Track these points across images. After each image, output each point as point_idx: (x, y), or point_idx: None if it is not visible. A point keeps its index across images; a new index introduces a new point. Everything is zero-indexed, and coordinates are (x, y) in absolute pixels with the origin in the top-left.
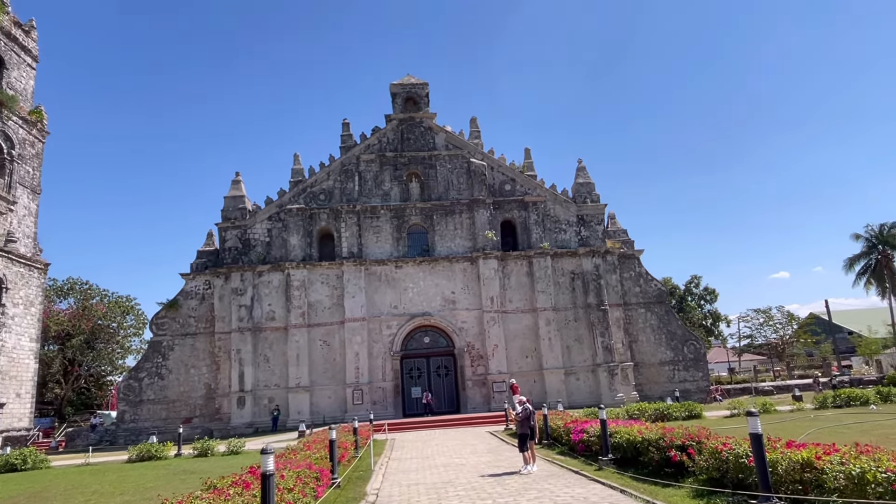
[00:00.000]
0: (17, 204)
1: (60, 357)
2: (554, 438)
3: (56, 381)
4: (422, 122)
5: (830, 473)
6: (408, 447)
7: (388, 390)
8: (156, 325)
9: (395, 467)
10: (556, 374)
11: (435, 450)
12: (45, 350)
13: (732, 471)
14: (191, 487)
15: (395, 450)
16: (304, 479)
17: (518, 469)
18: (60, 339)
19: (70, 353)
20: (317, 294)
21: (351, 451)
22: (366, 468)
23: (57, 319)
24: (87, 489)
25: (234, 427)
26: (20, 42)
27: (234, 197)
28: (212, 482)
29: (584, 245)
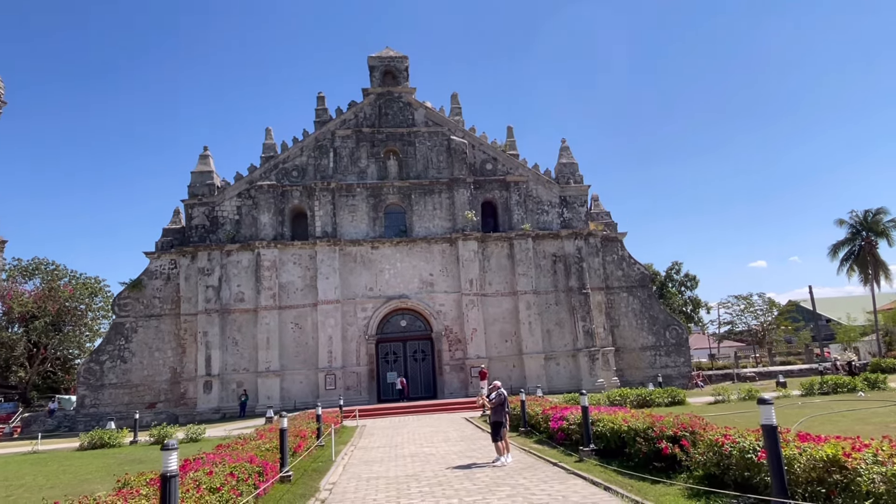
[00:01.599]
0: None
1: (25, 340)
2: (532, 426)
3: (20, 364)
4: (401, 97)
5: (866, 475)
6: (377, 435)
7: (363, 375)
8: (118, 307)
9: (359, 457)
10: (536, 358)
11: (405, 437)
12: (8, 332)
13: (736, 468)
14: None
15: (364, 437)
16: (239, 474)
17: (491, 460)
18: (25, 320)
19: (35, 335)
20: (289, 275)
21: (312, 440)
22: (327, 458)
23: (21, 301)
24: (16, 482)
25: (201, 413)
26: None
27: (202, 172)
28: (126, 479)
29: (566, 227)
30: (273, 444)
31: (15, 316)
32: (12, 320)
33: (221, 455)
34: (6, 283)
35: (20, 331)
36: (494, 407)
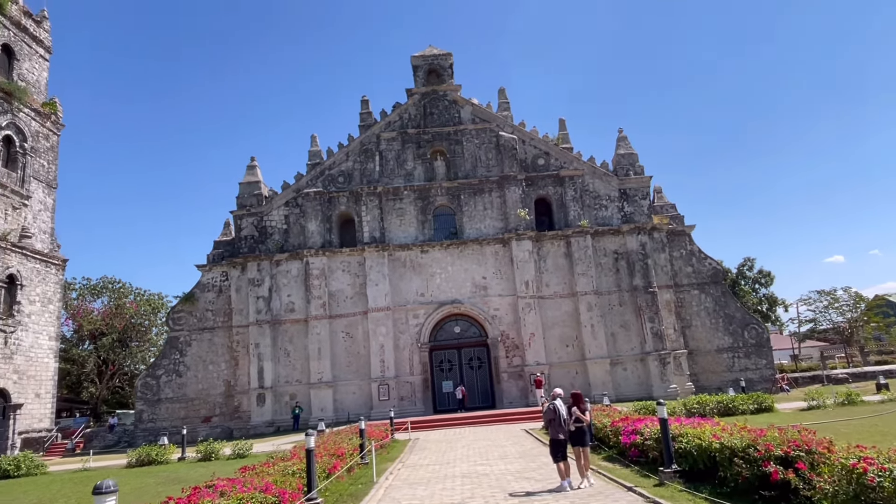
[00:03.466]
0: (32, 198)
1: (94, 356)
2: (599, 440)
3: (91, 380)
4: (445, 96)
5: None
6: (429, 450)
7: (417, 385)
8: (172, 320)
9: (405, 478)
10: (601, 364)
11: (459, 453)
12: (79, 349)
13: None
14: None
15: (414, 453)
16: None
17: (555, 486)
18: (94, 337)
19: (103, 352)
20: (338, 283)
21: (354, 458)
22: (368, 479)
23: (90, 319)
24: None
25: (255, 426)
26: (31, 33)
27: (250, 183)
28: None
29: (627, 222)
30: (301, 466)
31: (85, 333)
32: (83, 338)
33: (235, 482)
34: (76, 303)
35: (90, 348)
36: (549, 420)
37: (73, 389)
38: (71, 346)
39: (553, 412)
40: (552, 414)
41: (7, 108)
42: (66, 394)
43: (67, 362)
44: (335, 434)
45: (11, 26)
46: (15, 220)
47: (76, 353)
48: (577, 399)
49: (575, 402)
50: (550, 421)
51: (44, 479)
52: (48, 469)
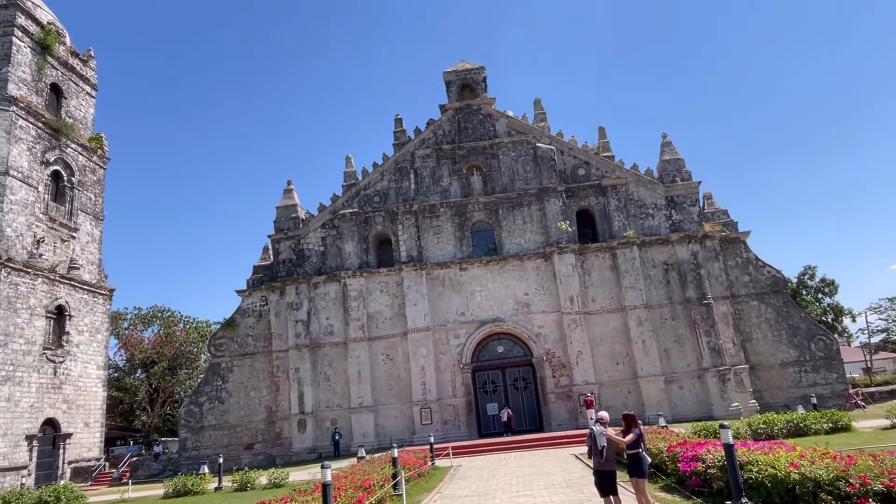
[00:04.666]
0: (80, 230)
1: (146, 384)
2: (655, 467)
3: (143, 408)
4: (480, 110)
5: None
6: (470, 478)
7: (460, 407)
8: (214, 347)
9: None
10: (655, 382)
11: (501, 482)
12: (132, 378)
13: None
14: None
15: (454, 482)
16: None
17: None
18: (145, 366)
19: (154, 380)
20: (376, 304)
21: (385, 490)
22: None
23: (141, 347)
24: None
25: (296, 453)
26: (78, 71)
27: (287, 206)
28: None
29: (676, 230)
30: None
31: (137, 362)
32: (135, 366)
33: None
34: (128, 332)
35: (142, 376)
36: (593, 448)
37: (126, 418)
38: (123, 375)
39: (591, 439)
40: (590, 441)
41: (55, 145)
42: (120, 422)
43: (120, 391)
44: (368, 463)
45: (59, 66)
46: (63, 252)
47: (128, 382)
48: (629, 421)
49: (627, 426)
50: (590, 448)
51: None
52: (88, 500)
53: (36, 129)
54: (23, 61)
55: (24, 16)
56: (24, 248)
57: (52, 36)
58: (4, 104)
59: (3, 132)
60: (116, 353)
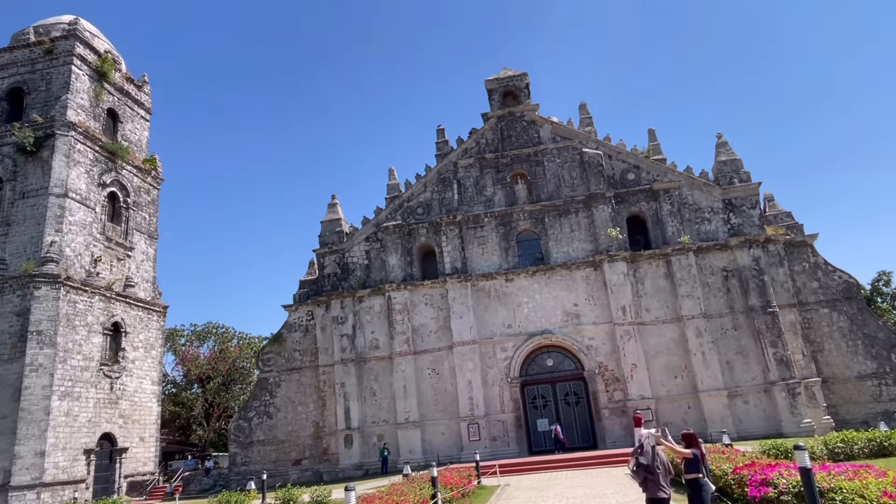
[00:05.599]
0: (135, 249)
1: (202, 399)
2: (720, 490)
3: (199, 422)
4: (523, 117)
5: None
6: (517, 499)
7: (509, 423)
8: (262, 362)
9: None
10: (717, 396)
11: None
12: (188, 393)
13: None
14: None
15: (499, 503)
16: None
17: None
18: (201, 381)
19: (210, 395)
20: (421, 317)
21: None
22: None
23: (196, 363)
24: None
25: (343, 469)
26: (133, 96)
27: (331, 220)
28: None
29: (735, 235)
30: None
31: (193, 378)
32: (191, 382)
33: None
34: (185, 348)
35: (198, 391)
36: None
37: (183, 432)
38: (181, 390)
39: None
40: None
41: (112, 167)
42: (178, 436)
43: (178, 405)
44: (407, 482)
45: (116, 92)
46: (119, 270)
47: (185, 397)
48: (690, 441)
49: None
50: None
51: None
52: None
53: (93, 152)
54: (81, 88)
55: (83, 45)
56: (82, 268)
57: (109, 63)
58: (64, 130)
59: (62, 156)
60: (174, 369)
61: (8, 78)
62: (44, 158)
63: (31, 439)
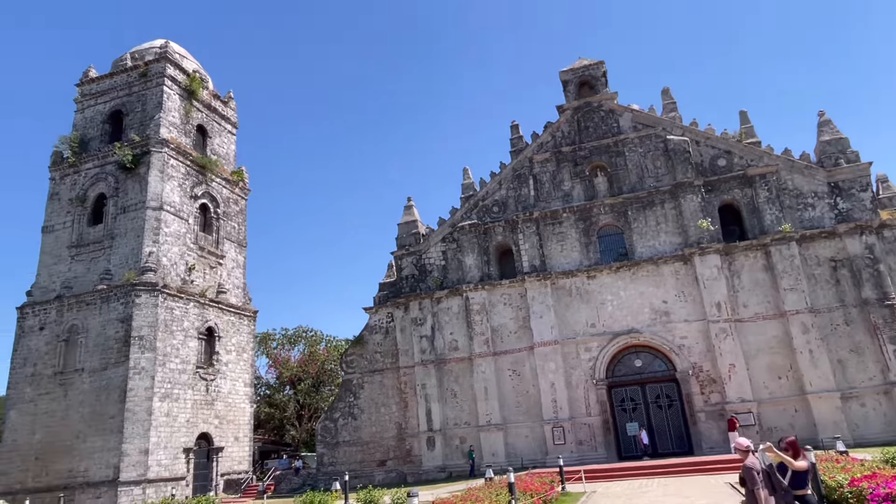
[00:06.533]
0: (226, 257)
1: (294, 401)
2: (834, 503)
3: (291, 423)
4: (601, 106)
5: None
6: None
7: (596, 427)
8: (345, 364)
9: None
10: (828, 399)
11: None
12: (281, 394)
13: None
14: None
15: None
16: None
17: None
18: (293, 383)
19: (301, 396)
20: (499, 317)
21: None
22: None
23: (288, 366)
24: None
25: (426, 471)
26: (220, 112)
27: (407, 223)
28: None
29: (844, 221)
30: None
31: (285, 380)
32: (283, 384)
33: None
34: (276, 351)
35: (290, 393)
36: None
37: (277, 432)
38: (274, 392)
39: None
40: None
41: (202, 180)
42: (273, 436)
43: (272, 407)
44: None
45: (204, 109)
46: (212, 277)
47: (278, 399)
48: (794, 449)
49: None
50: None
51: None
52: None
53: (185, 166)
54: (172, 107)
55: (173, 67)
56: (177, 276)
57: (197, 82)
58: (158, 146)
59: (157, 171)
60: (267, 371)
61: (109, 102)
62: (141, 174)
63: (136, 438)
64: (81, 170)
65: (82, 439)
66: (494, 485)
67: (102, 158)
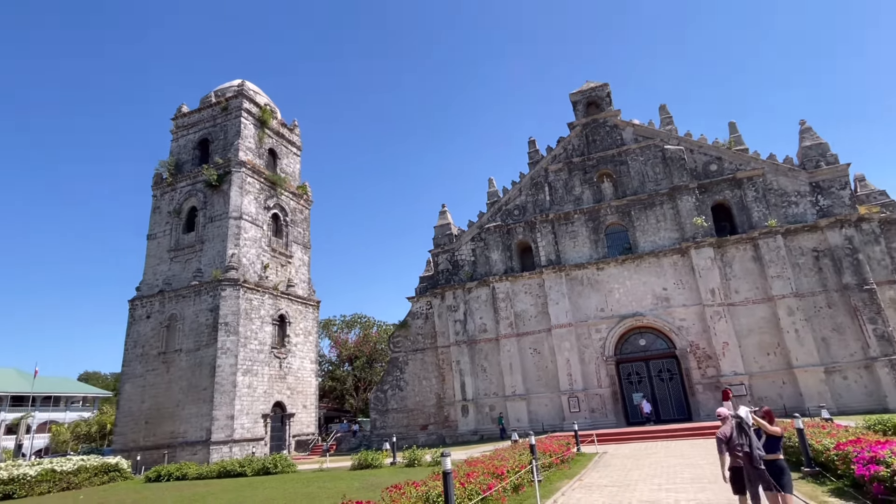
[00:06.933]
0: (293, 257)
1: (352, 375)
2: (821, 465)
3: (350, 393)
4: (606, 122)
5: None
6: (612, 466)
7: (606, 397)
8: (393, 344)
9: (573, 503)
10: (813, 372)
11: (644, 472)
12: (341, 370)
13: None
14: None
15: (597, 469)
16: None
17: None
18: (350, 360)
19: (357, 371)
20: (521, 304)
21: (524, 477)
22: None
23: (346, 346)
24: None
25: (461, 434)
26: (287, 137)
27: (442, 225)
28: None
29: (825, 216)
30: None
31: (344, 358)
32: (343, 361)
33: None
34: (337, 334)
35: (348, 368)
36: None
37: (339, 401)
38: (335, 368)
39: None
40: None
41: (273, 194)
42: (335, 405)
43: (334, 380)
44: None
45: (273, 135)
46: (283, 274)
47: (339, 374)
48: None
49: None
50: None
51: (288, 476)
52: (297, 467)
53: (259, 183)
54: (248, 134)
55: (248, 101)
56: (255, 273)
57: (268, 113)
58: (237, 167)
59: (237, 188)
60: (330, 351)
61: (198, 132)
62: (224, 190)
63: (224, 406)
64: (177, 188)
65: (181, 407)
66: (518, 446)
67: (193, 178)
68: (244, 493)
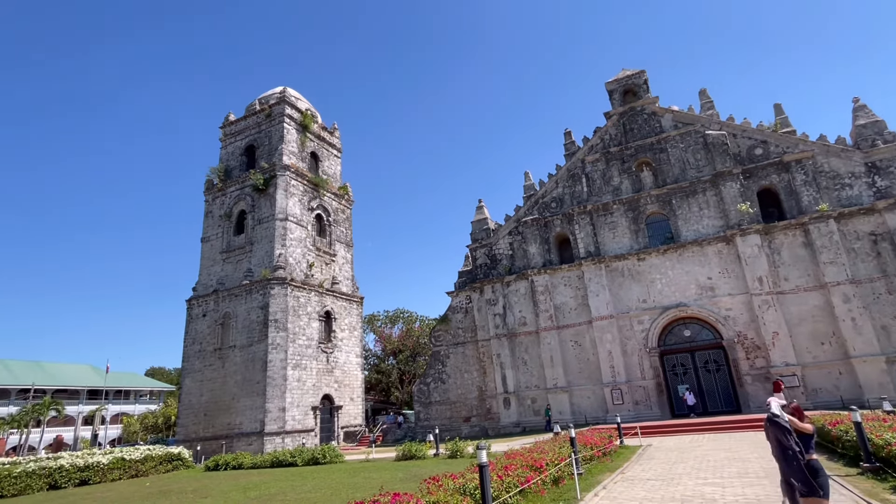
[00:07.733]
0: (337, 255)
1: (396, 369)
2: (883, 461)
3: (395, 386)
4: (643, 110)
5: None
6: (656, 459)
7: (650, 389)
8: (434, 338)
9: (614, 498)
10: (873, 362)
11: (689, 466)
12: (386, 364)
13: None
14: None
15: (640, 463)
16: None
17: None
18: (394, 354)
19: (401, 365)
20: (561, 297)
21: (564, 469)
22: (571, 497)
23: (390, 340)
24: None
25: (504, 426)
26: (328, 140)
27: (479, 220)
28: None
29: (883, 197)
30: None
31: (388, 352)
32: (387, 355)
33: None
34: (381, 329)
35: (393, 362)
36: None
37: (384, 394)
38: (380, 362)
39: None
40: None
41: (316, 195)
42: (381, 397)
43: (379, 374)
44: (550, 441)
45: (315, 139)
46: (327, 272)
47: (384, 367)
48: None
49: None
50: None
51: (335, 467)
52: (344, 457)
53: (303, 185)
54: (291, 139)
55: (291, 107)
56: (301, 271)
57: (309, 118)
58: (282, 170)
59: (282, 190)
60: (375, 345)
61: (245, 139)
62: (270, 193)
63: (276, 398)
64: (227, 192)
65: (236, 400)
66: (559, 439)
67: (241, 183)
68: (294, 482)
